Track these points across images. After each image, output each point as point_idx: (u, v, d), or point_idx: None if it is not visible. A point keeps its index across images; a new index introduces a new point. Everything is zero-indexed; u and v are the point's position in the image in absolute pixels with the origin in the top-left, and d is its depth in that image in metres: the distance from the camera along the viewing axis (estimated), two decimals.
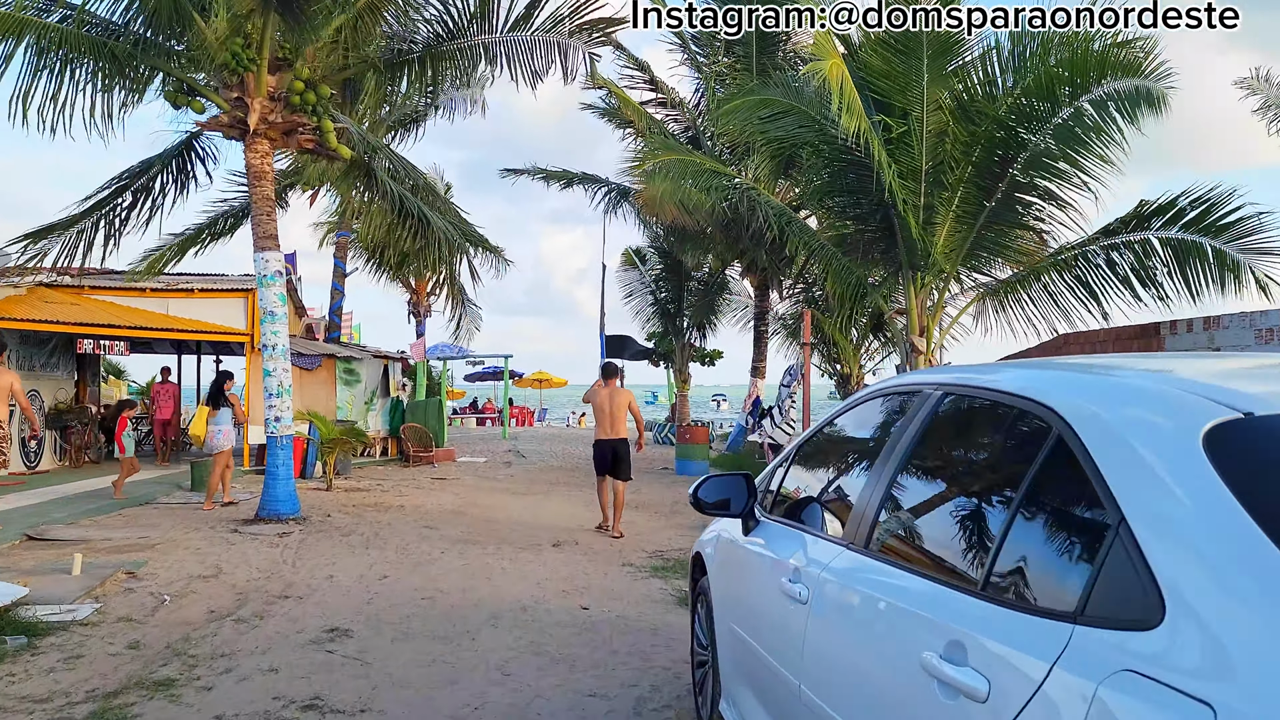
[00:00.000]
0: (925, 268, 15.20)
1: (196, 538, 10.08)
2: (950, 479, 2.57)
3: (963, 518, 2.38)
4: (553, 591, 7.80)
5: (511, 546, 10.08)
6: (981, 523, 2.25)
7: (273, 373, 11.62)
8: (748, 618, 3.56)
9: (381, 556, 9.29)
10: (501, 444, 26.21)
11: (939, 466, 2.66)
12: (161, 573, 8.23)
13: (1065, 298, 15.07)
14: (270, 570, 8.49)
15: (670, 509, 13.89)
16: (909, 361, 15.72)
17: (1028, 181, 14.45)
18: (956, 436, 2.66)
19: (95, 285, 19.45)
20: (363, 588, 7.80)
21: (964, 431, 2.68)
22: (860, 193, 15.93)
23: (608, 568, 9.04)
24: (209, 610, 6.91)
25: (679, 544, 10.54)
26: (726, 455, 21.54)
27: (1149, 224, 13.71)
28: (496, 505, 13.54)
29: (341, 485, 15.31)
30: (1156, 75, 12.47)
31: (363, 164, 13.03)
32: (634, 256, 30.35)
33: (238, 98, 11.38)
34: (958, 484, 2.55)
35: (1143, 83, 12.51)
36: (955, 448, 2.67)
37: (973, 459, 2.62)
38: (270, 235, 11.62)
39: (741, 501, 3.74)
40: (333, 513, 12.23)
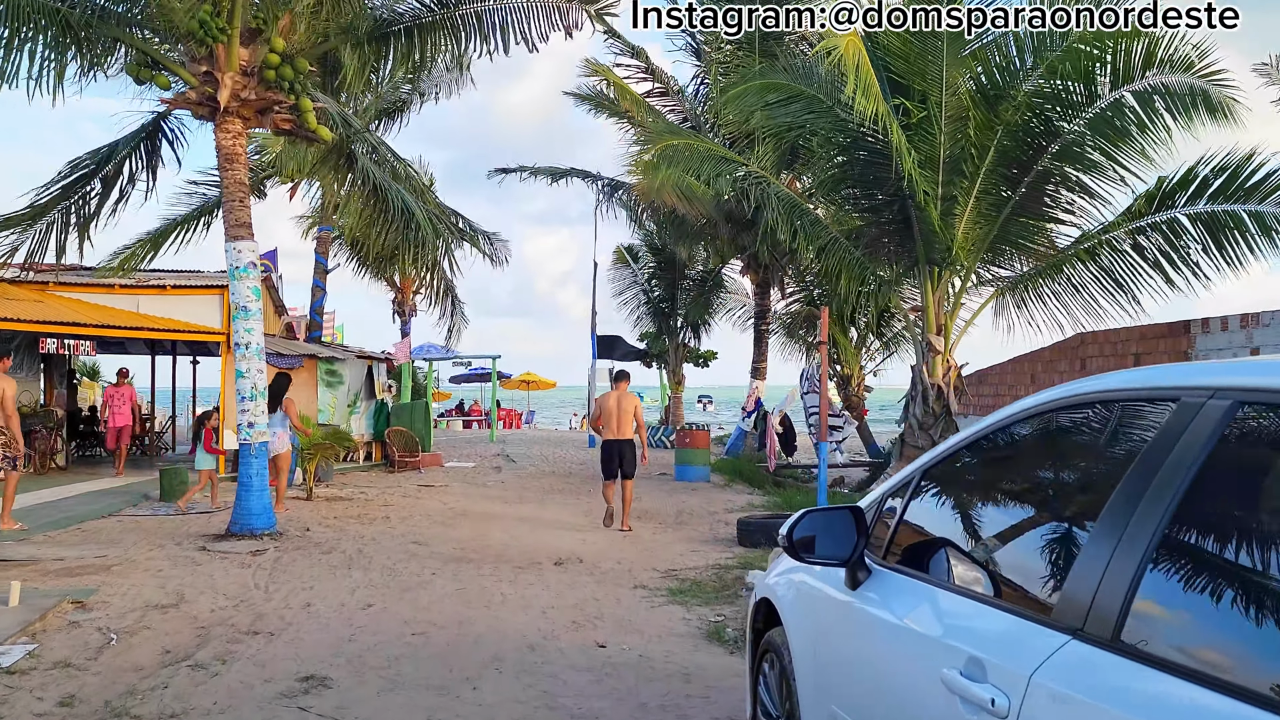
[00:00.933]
0: (944, 262, 14.31)
1: (159, 557, 9.07)
2: (1270, 539, 1.63)
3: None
4: (562, 623, 6.84)
5: (509, 565, 9.12)
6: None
7: (246, 374, 10.62)
8: (870, 708, 2.63)
9: (366, 578, 8.31)
10: (490, 447, 25.21)
11: (1244, 518, 1.72)
12: (115, 601, 7.23)
13: (1090, 289, 14.22)
14: (239, 597, 7.50)
15: (675, 519, 12.96)
16: (925, 362, 14.84)
17: (1058, 172, 13.58)
18: (1272, 471, 1.72)
19: (62, 282, 18.37)
20: (344, 620, 6.82)
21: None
22: (874, 183, 15.02)
23: (618, 591, 8.09)
24: (163, 651, 5.92)
25: (692, 561, 9.61)
26: (725, 459, 20.61)
27: (1173, 201, 12.85)
28: (489, 516, 12.57)
29: (323, 494, 14.31)
30: (1210, 76, 11.61)
31: (344, 148, 12.04)
32: (626, 254, 29.41)
33: (207, 72, 10.38)
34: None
35: (1198, 82, 11.64)
36: (1276, 487, 1.72)
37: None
38: (243, 224, 10.63)
39: (847, 544, 2.81)
40: (312, 526, 11.24)
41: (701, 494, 15.83)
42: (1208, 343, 13.27)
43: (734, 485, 17.40)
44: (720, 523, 12.55)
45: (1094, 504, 1.96)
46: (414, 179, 15.18)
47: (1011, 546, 2.42)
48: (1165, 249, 13.21)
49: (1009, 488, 2.53)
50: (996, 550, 2.48)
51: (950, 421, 14.87)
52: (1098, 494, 1.97)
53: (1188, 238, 12.95)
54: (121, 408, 16.69)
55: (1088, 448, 2.21)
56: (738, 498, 15.44)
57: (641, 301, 29.30)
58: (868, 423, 25.66)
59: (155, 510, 12.49)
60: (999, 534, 2.46)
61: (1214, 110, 11.81)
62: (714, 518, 13.04)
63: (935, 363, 14.78)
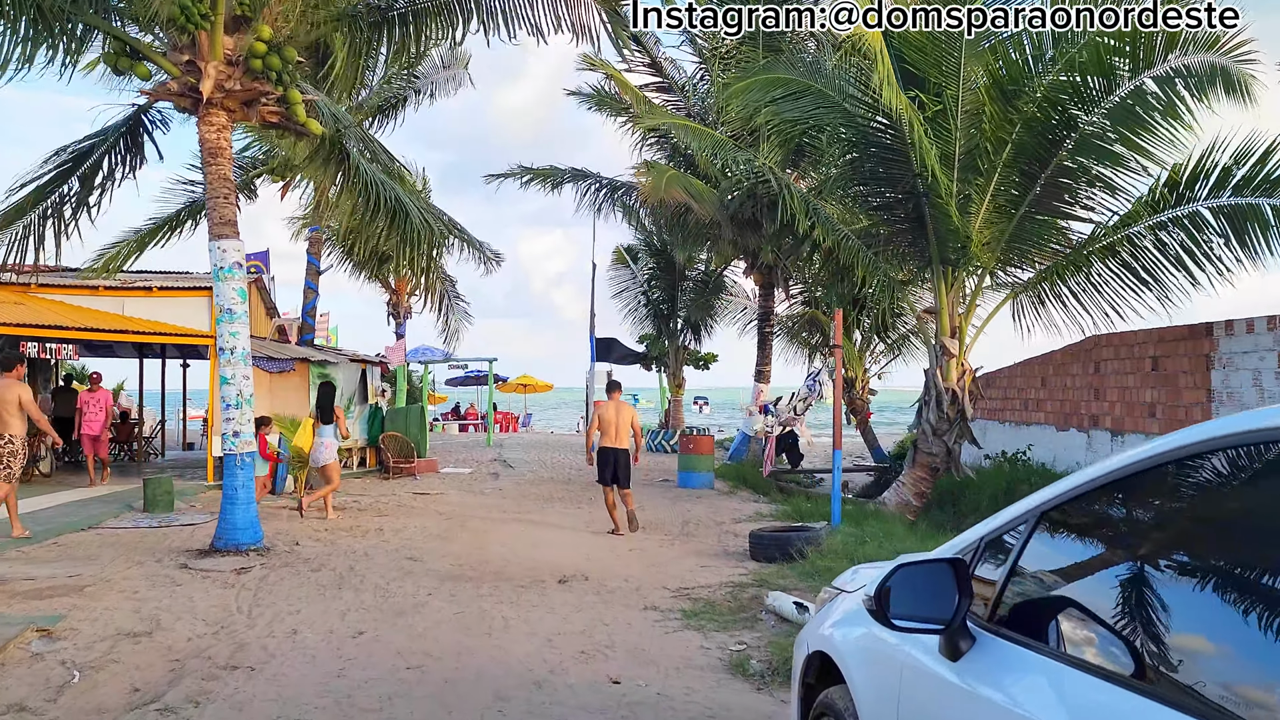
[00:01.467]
0: (959, 262, 13.78)
1: (137, 576, 8.50)
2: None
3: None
4: (570, 653, 6.29)
5: (510, 584, 8.57)
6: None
7: (230, 380, 10.04)
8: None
9: (357, 600, 7.76)
10: (486, 452, 24.64)
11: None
12: (84, 628, 6.67)
13: (1111, 287, 13.70)
14: (220, 623, 6.94)
15: (681, 530, 12.42)
16: (939, 365, 14.32)
17: (1077, 165, 13.06)
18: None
19: (45, 284, 17.79)
20: (332, 650, 6.26)
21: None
22: (886, 180, 14.51)
23: (628, 613, 7.55)
24: (131, 690, 5.36)
25: (703, 578, 9.07)
26: (729, 465, 20.08)
27: (1193, 193, 12.35)
28: (487, 528, 12.02)
29: (315, 504, 13.74)
30: (1236, 54, 11.08)
31: (335, 143, 11.48)
32: (625, 254, 28.87)
33: (189, 61, 9.81)
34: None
35: (1219, 60, 11.11)
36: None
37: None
38: (228, 221, 10.06)
39: (946, 604, 2.27)
40: (302, 540, 10.68)
41: (706, 502, 15.30)
42: (1232, 345, 12.75)
43: (739, 492, 16.87)
44: (729, 534, 12.01)
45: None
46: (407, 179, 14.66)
47: (1165, 615, 1.88)
48: (1187, 244, 12.71)
49: (1166, 539, 1.98)
50: (1143, 618, 1.94)
51: (965, 427, 14.35)
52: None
53: (1210, 231, 12.45)
54: (96, 415, 15.83)
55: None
56: (744, 506, 14.91)
57: (641, 303, 28.75)
58: (872, 426, 25.17)
59: (138, 522, 11.92)
60: (1148, 598, 1.92)
61: (1231, 87, 11.32)
62: (722, 528, 12.50)
63: (949, 366, 14.26)
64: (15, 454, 9.90)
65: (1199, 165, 12.15)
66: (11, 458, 9.88)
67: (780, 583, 8.76)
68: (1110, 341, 15.29)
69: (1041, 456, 17.20)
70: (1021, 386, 19.38)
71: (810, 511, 13.76)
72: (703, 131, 16.34)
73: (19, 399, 9.83)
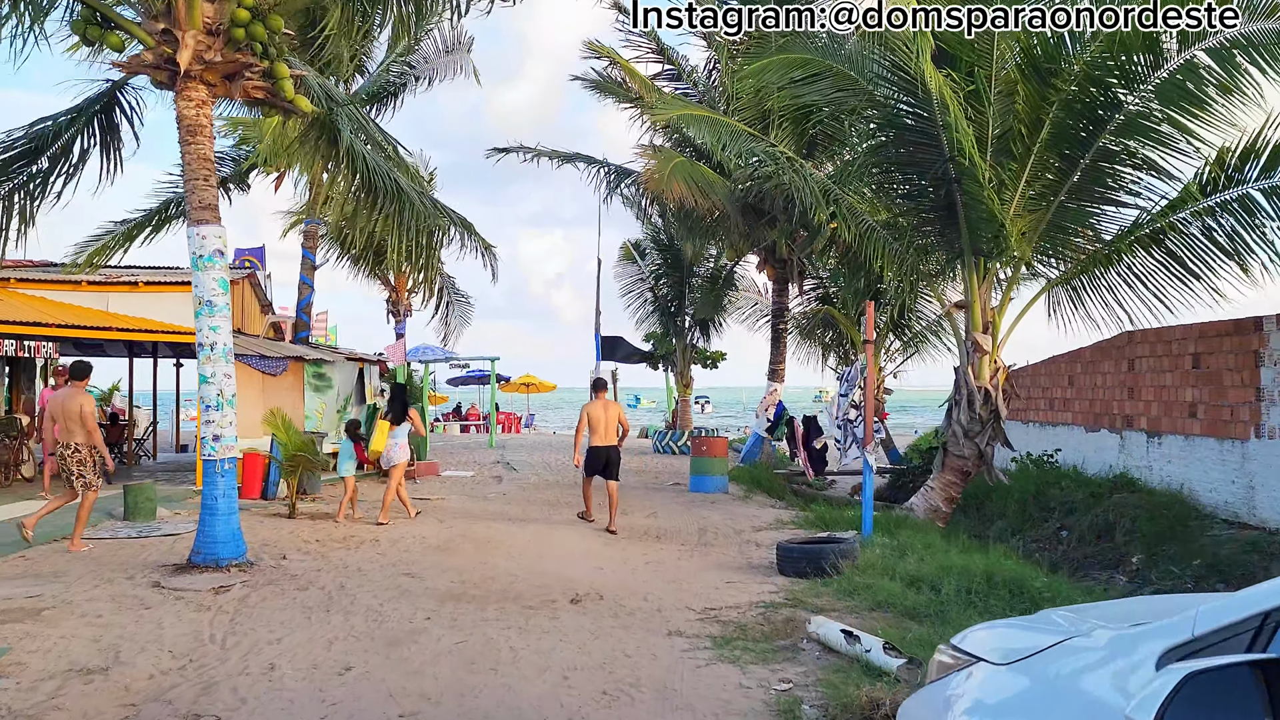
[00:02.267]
0: (995, 253, 12.92)
1: (102, 597, 7.65)
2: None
3: None
4: (589, 694, 5.43)
5: (518, 604, 7.72)
6: None
7: (210, 379, 9.19)
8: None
9: (346, 627, 6.90)
10: (489, 454, 23.78)
11: None
12: (32, 662, 5.83)
13: (1156, 279, 12.84)
14: (188, 655, 6.09)
15: (699, 539, 11.57)
16: (970, 363, 13.46)
17: (1120, 149, 12.20)
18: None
19: (24, 278, 16.97)
20: (313, 692, 5.41)
21: None
22: (913, 166, 13.62)
23: (651, 640, 6.70)
24: None
25: (730, 596, 8.23)
26: (742, 468, 19.22)
27: (1243, 174, 11.50)
28: (491, 538, 11.16)
29: (307, 510, 12.92)
30: None
31: (326, 123, 10.64)
32: (632, 250, 28.02)
33: (165, 30, 8.96)
34: None
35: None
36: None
37: None
38: (208, 205, 9.21)
39: None
40: (289, 553, 9.83)
41: (722, 507, 14.45)
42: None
43: (754, 497, 16.03)
44: (750, 544, 11.17)
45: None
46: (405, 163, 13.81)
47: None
48: (1237, 229, 11.85)
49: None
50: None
51: (998, 427, 13.48)
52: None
53: (1262, 215, 11.60)
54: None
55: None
56: (762, 512, 14.06)
57: (648, 300, 27.91)
58: (887, 426, 24.32)
59: (116, 531, 11.09)
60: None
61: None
62: (742, 538, 11.65)
63: (982, 364, 13.40)
64: (84, 461, 9.82)
65: (1250, 145, 11.34)
66: (80, 465, 9.79)
67: (815, 601, 7.93)
68: (1146, 338, 14.44)
69: (1070, 459, 16.35)
70: (1046, 385, 18.52)
71: (834, 518, 12.92)
72: (715, 119, 15.48)
73: (80, 409, 9.80)
